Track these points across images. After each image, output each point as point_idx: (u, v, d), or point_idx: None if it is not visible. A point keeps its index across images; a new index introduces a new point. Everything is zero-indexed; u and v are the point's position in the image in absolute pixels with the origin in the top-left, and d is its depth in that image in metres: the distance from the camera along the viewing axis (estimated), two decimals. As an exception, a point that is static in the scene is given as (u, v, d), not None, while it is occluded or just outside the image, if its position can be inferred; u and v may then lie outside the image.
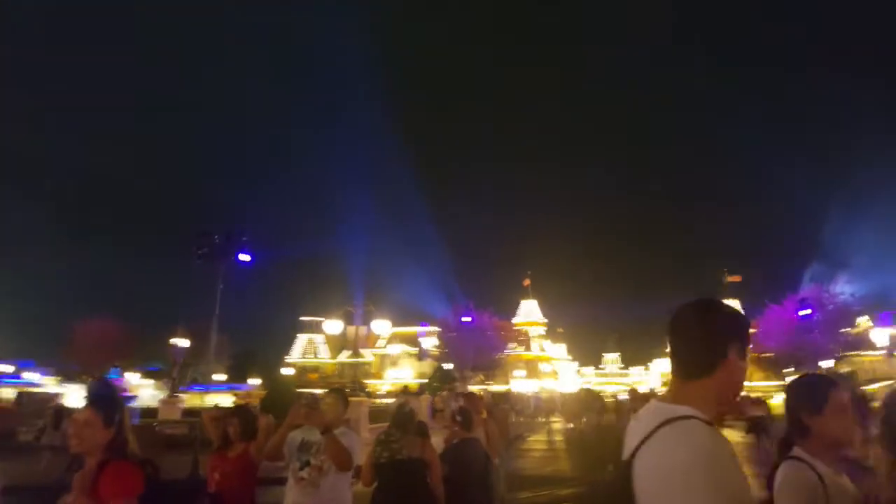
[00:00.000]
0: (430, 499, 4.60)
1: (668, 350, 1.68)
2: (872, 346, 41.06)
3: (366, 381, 70.48)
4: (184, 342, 42.23)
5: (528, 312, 79.05)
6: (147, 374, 53.91)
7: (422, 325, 34.09)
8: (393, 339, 65.25)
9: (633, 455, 1.54)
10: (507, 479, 11.55)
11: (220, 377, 53.58)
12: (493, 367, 52.08)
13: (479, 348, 47.15)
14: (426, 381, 40.12)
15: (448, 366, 44.97)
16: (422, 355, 31.21)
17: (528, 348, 70.60)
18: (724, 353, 1.56)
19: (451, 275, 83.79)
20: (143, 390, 47.27)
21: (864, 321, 44.99)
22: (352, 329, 30.44)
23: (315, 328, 69.36)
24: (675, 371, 1.63)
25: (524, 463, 17.32)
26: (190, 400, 32.88)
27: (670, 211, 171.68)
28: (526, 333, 67.29)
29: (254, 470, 4.54)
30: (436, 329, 51.54)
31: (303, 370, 65.36)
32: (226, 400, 32.11)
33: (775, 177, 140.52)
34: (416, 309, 57.55)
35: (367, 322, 24.04)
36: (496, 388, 50.98)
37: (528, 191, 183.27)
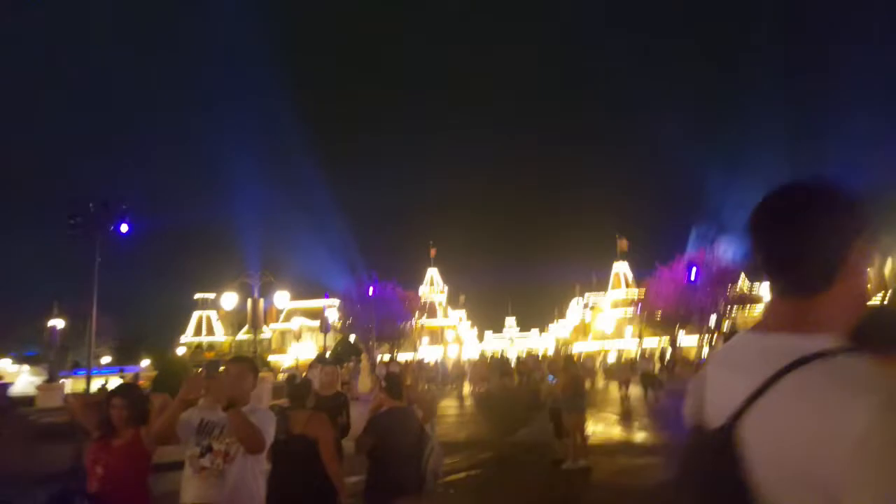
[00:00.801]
0: (320, 477, 4.16)
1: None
2: (756, 301, 44.88)
3: (268, 358, 68.72)
4: (60, 323, 38.78)
5: (432, 281, 79.61)
6: (22, 359, 49.18)
7: (325, 298, 32.94)
8: (294, 313, 63.45)
9: (736, 417, 1.01)
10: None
11: (106, 359, 50.19)
12: (398, 336, 51.95)
13: (383, 319, 46.74)
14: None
15: (352, 337, 44.30)
16: (325, 328, 30.21)
17: (433, 317, 71.16)
18: (850, 254, 1.04)
19: (354, 247, 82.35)
20: (19, 377, 43.08)
21: (742, 279, 49.04)
22: (250, 303, 28.90)
23: (210, 305, 66.08)
24: (782, 287, 1.10)
25: (439, 430, 17.14)
26: (75, 385, 30.42)
27: (566, 178, 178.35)
28: (431, 302, 67.72)
29: (146, 459, 3.79)
30: (337, 302, 50.54)
31: (197, 349, 62.15)
32: (114, 383, 29.76)
33: (665, 140, 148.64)
34: (318, 282, 56.09)
35: (265, 294, 22.73)
36: (403, 357, 51.10)
37: (430, 163, 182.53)
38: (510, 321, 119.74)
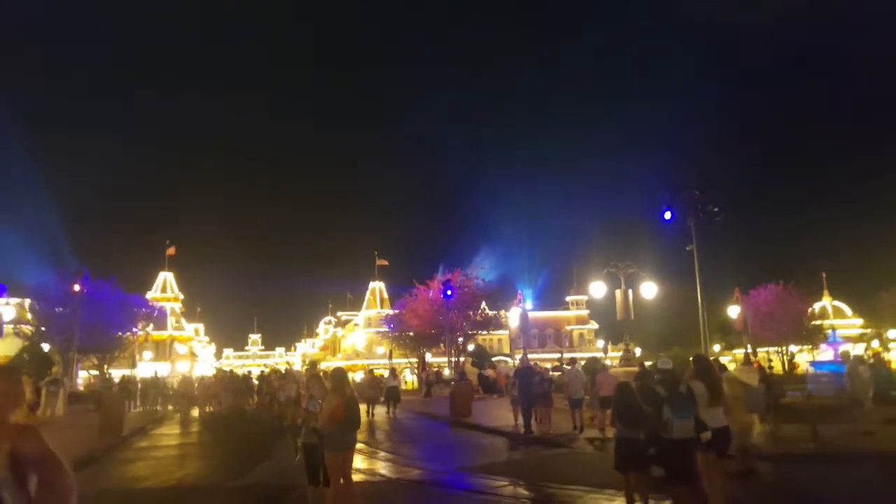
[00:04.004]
0: None
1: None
2: (497, 327, 47.09)
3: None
4: None
5: (165, 286, 69.69)
6: None
7: (0, 290, 24.55)
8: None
9: None
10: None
11: None
12: (112, 348, 43.17)
13: (93, 326, 38.17)
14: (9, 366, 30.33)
15: (46, 346, 35.10)
16: (-2, 331, 22.47)
17: (162, 327, 61.81)
18: None
19: (62, 235, 67.66)
20: None
21: (484, 305, 51.59)
22: None
23: None
24: None
25: (137, 469, 12.65)
26: None
27: (326, 194, 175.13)
28: (161, 309, 58.51)
29: None
30: (25, 301, 40.13)
31: None
32: None
33: (431, 162, 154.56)
34: (3, 276, 43.82)
35: None
36: (118, 372, 42.69)
37: (173, 151, 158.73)
38: (254, 338, 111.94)
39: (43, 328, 38.21)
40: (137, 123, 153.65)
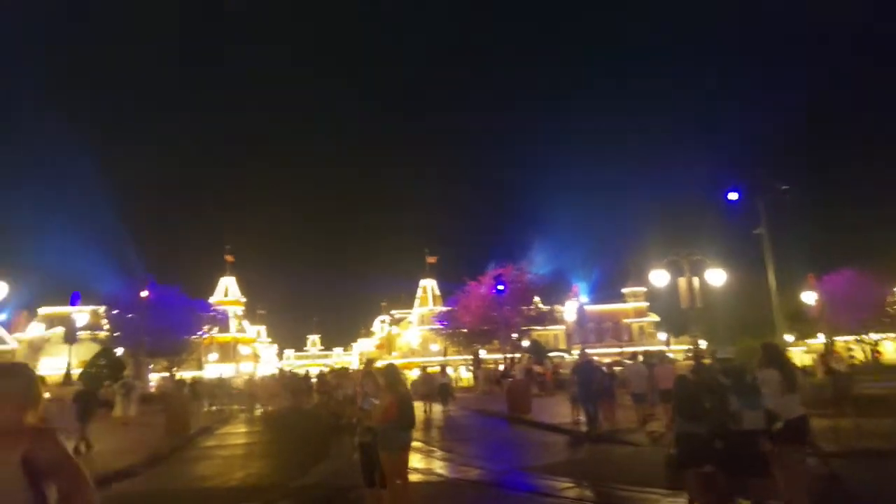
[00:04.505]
0: None
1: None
2: (552, 321, 46.38)
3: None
4: None
5: (227, 291, 71.93)
6: None
7: (74, 297, 25.52)
8: (47, 320, 52.34)
9: None
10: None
11: None
12: (179, 351, 44.69)
13: (162, 330, 39.58)
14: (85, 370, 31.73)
15: (119, 351, 36.65)
16: (71, 337, 23.42)
17: (225, 330, 63.76)
18: None
19: (131, 245, 70.80)
20: None
21: (537, 300, 50.79)
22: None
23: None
24: None
25: (202, 468, 12.87)
26: None
27: (376, 194, 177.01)
28: (224, 314, 60.32)
29: None
30: (99, 308, 41.99)
31: None
32: None
33: (477, 157, 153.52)
34: (81, 285, 46.07)
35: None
36: (187, 374, 44.31)
37: (229, 158, 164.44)
38: (313, 338, 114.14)
39: (116, 333, 39.89)
40: (197, 129, 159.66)
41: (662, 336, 65.86)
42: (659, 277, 18.51)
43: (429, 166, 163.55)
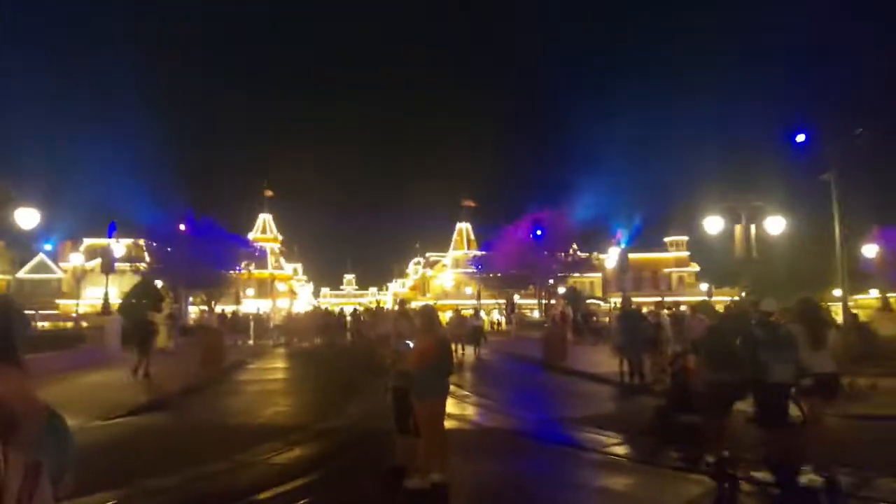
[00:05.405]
0: None
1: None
2: (589, 269, 45.27)
3: (58, 302, 57.76)
4: None
5: (265, 227, 72.55)
6: None
7: (111, 229, 25.52)
8: (89, 251, 53.61)
9: None
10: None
11: None
12: (218, 285, 45.32)
13: (200, 264, 39.98)
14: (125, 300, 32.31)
15: (158, 283, 37.21)
16: (107, 268, 23.50)
17: (263, 266, 64.59)
18: None
19: (169, 177, 71.47)
20: None
21: (575, 246, 49.53)
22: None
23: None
24: None
25: (232, 402, 12.69)
26: None
27: (414, 135, 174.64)
28: (262, 250, 60.92)
29: None
30: (141, 241, 42.49)
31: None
32: None
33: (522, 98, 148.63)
34: (123, 218, 46.73)
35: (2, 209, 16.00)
36: (223, 308, 45.26)
37: (271, 97, 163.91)
38: (349, 277, 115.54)
39: (155, 266, 40.48)
40: (243, 62, 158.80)
41: (703, 286, 64.21)
42: (713, 224, 17.31)
43: (472, 106, 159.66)
